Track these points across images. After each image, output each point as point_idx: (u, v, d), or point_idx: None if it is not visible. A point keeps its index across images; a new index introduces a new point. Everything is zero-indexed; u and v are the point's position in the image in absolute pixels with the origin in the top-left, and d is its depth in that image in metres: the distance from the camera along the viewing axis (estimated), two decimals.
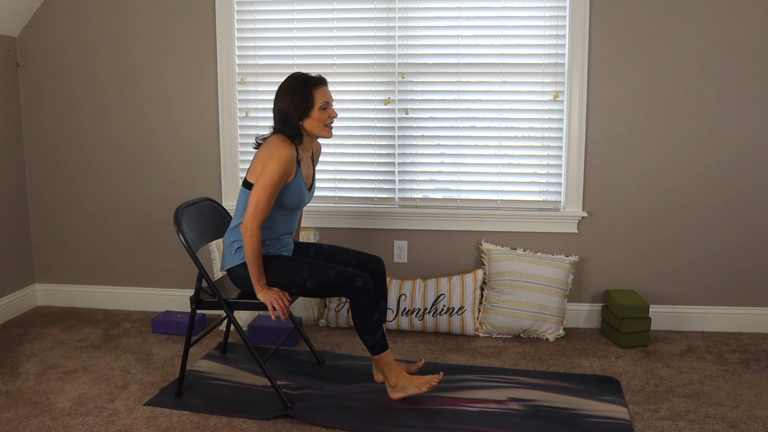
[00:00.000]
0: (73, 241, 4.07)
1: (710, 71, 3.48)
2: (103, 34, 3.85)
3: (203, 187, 3.89)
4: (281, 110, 2.73)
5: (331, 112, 2.78)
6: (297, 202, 2.82)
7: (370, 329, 2.70)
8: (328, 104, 2.76)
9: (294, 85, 2.73)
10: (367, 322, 2.69)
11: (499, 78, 3.62)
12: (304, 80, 2.74)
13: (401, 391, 2.77)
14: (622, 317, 3.40)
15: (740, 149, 3.52)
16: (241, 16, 3.75)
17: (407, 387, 2.77)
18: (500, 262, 3.60)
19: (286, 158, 2.64)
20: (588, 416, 2.71)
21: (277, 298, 2.70)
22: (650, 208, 3.62)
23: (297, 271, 2.75)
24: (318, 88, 2.74)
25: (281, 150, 2.65)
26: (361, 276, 2.69)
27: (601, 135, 3.59)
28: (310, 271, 2.73)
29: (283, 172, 2.65)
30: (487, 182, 3.72)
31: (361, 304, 2.68)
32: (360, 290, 2.67)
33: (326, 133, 2.79)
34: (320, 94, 2.74)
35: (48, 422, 2.69)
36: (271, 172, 2.63)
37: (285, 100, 2.72)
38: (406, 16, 3.64)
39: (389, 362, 2.76)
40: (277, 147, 2.66)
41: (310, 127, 2.75)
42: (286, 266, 2.76)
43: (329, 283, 2.71)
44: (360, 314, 2.69)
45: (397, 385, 2.77)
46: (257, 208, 2.64)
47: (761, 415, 2.73)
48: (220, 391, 2.95)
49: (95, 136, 3.95)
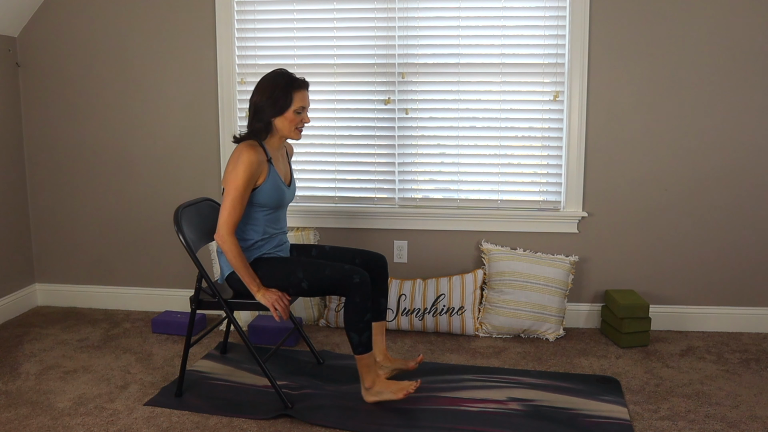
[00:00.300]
0: (73, 241, 4.07)
1: (710, 71, 3.48)
2: (103, 34, 3.85)
3: (203, 187, 3.89)
4: (257, 103, 2.74)
5: (305, 117, 2.80)
6: (278, 200, 2.82)
7: (359, 328, 2.69)
8: (303, 109, 2.78)
9: (277, 81, 2.74)
10: (358, 320, 2.68)
11: (499, 78, 3.62)
12: (288, 79, 2.75)
13: (376, 395, 2.76)
14: (622, 317, 3.40)
15: (740, 149, 3.52)
16: (241, 16, 3.75)
17: (383, 392, 2.75)
18: (500, 262, 3.60)
19: (249, 163, 2.66)
20: (588, 416, 2.71)
21: (276, 299, 2.70)
22: (650, 208, 3.62)
23: (292, 272, 2.74)
24: (299, 91, 2.75)
25: (245, 156, 2.67)
26: (359, 273, 2.68)
27: (601, 135, 3.59)
28: (305, 271, 2.73)
29: (247, 178, 2.67)
30: (487, 182, 3.72)
31: (356, 301, 2.67)
32: (357, 287, 2.66)
33: (295, 135, 2.81)
34: (299, 97, 2.75)
35: (48, 422, 2.69)
36: (235, 179, 2.66)
37: (264, 94, 2.73)
38: (406, 16, 3.64)
39: (369, 364, 2.75)
40: (242, 154, 2.68)
41: (280, 125, 2.77)
42: (281, 269, 2.76)
43: (326, 282, 2.71)
44: (352, 311, 2.68)
45: (372, 389, 2.76)
46: (224, 216, 2.69)
47: (761, 415, 2.73)
48: (220, 391, 2.95)
49: (95, 135, 3.95)
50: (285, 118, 2.75)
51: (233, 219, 2.69)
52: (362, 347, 2.71)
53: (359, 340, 2.70)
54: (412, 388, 2.72)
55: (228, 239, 2.68)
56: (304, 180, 3.85)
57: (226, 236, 2.68)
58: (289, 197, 2.91)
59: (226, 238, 2.68)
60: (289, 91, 2.73)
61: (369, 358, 2.74)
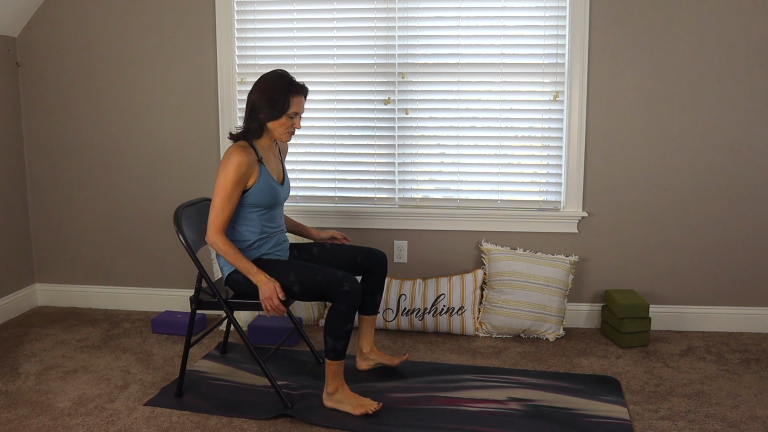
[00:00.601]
0: (73, 241, 4.07)
1: (710, 71, 3.48)
2: (103, 34, 3.85)
3: (203, 187, 3.89)
4: (255, 102, 2.74)
5: (296, 122, 2.80)
6: (272, 199, 2.82)
7: (337, 335, 2.65)
8: (296, 114, 2.78)
9: (278, 83, 2.73)
10: (338, 328, 2.65)
11: (499, 78, 3.62)
12: (288, 83, 2.74)
13: (335, 402, 2.73)
14: (622, 317, 3.40)
15: (740, 149, 3.52)
16: (241, 16, 3.75)
17: (342, 402, 2.72)
18: (500, 262, 3.60)
19: (238, 164, 2.66)
20: (588, 416, 2.71)
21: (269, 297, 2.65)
22: (650, 208, 3.62)
23: (284, 275, 2.72)
24: (296, 97, 2.75)
25: (234, 157, 2.67)
26: (350, 282, 2.63)
27: (601, 135, 3.59)
28: (297, 274, 2.71)
29: (236, 179, 2.66)
30: (487, 182, 3.72)
31: (341, 309, 2.63)
32: (345, 295, 2.62)
33: (285, 137, 2.81)
34: (296, 102, 2.75)
35: (48, 422, 2.69)
36: (223, 180, 2.67)
37: (263, 94, 2.72)
38: (406, 16, 3.64)
39: (337, 372, 2.72)
40: (231, 156, 2.68)
41: (272, 127, 2.77)
42: (273, 272, 2.74)
43: (316, 287, 2.67)
44: (335, 318, 2.64)
45: (334, 395, 2.73)
46: (211, 217, 2.70)
47: (761, 415, 2.73)
48: (220, 391, 2.95)
49: (95, 135, 3.95)
50: (278, 121, 2.75)
51: (221, 220, 2.69)
52: (334, 354, 2.68)
53: (333, 346, 2.67)
54: (372, 409, 2.67)
55: (216, 238, 2.69)
56: (304, 180, 3.85)
57: (213, 236, 2.69)
58: (283, 195, 2.90)
59: (214, 238, 2.69)
60: (287, 96, 2.72)
61: (339, 366, 2.71)
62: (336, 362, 2.70)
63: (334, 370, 2.71)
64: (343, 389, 2.74)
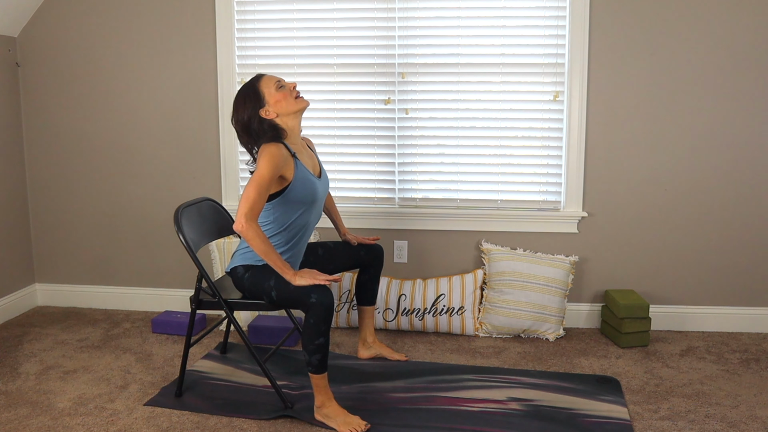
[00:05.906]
0: (73, 241, 4.07)
1: (710, 71, 3.48)
2: (103, 34, 3.85)
3: (203, 187, 3.89)
4: (240, 120, 2.70)
5: (289, 85, 2.74)
6: (311, 194, 2.75)
7: (309, 349, 2.58)
8: (280, 82, 2.73)
9: (242, 91, 2.73)
10: (309, 341, 2.58)
11: (499, 78, 3.62)
12: (248, 83, 2.74)
13: (323, 417, 2.66)
14: (622, 317, 3.40)
15: (740, 149, 3.52)
16: (241, 16, 3.75)
17: (330, 417, 2.65)
18: (500, 262, 3.60)
19: (274, 154, 2.59)
20: (588, 416, 2.71)
21: (311, 278, 2.57)
22: (650, 208, 3.62)
23: (267, 279, 2.68)
24: (260, 81, 2.72)
25: (269, 149, 2.60)
26: (318, 293, 2.53)
27: (601, 135, 3.59)
28: (276, 280, 2.65)
29: (273, 168, 2.57)
30: (487, 182, 3.72)
31: (310, 321, 2.55)
32: (312, 307, 2.54)
33: (300, 103, 2.73)
34: (265, 83, 2.71)
35: (48, 422, 2.69)
36: (261, 169, 2.55)
37: (241, 108, 2.70)
38: (406, 16, 3.64)
39: (319, 385, 2.64)
40: (266, 149, 2.61)
41: (277, 109, 2.69)
42: (259, 276, 2.71)
43: (289, 296, 2.61)
44: (306, 330, 2.57)
45: (321, 409, 2.66)
46: (245, 205, 2.52)
47: (761, 415, 2.73)
48: (220, 391, 2.95)
49: (95, 135, 3.95)
50: (271, 103, 2.69)
51: (256, 208, 2.53)
52: (312, 367, 2.61)
53: (309, 359, 2.60)
54: (360, 429, 2.60)
55: (250, 225, 2.50)
56: None
57: (245, 222, 2.50)
58: (321, 189, 2.83)
59: (248, 225, 2.50)
60: (254, 89, 2.70)
61: (320, 379, 2.63)
62: (317, 376, 2.62)
63: (316, 383, 2.64)
64: (330, 404, 2.67)
